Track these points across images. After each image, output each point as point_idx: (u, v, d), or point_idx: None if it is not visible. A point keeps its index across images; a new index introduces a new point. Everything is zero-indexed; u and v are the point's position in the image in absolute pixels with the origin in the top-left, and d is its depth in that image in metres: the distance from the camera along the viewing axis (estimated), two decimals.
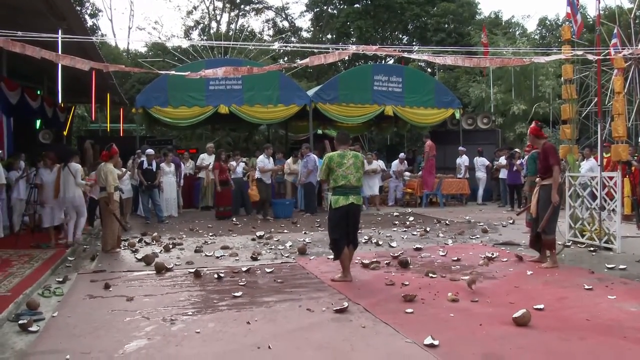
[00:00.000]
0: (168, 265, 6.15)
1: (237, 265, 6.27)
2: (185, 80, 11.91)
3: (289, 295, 4.91)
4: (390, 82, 14.29)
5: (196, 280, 5.56)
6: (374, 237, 8.36)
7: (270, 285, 5.33)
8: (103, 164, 7.52)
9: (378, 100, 14.15)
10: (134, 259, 6.79)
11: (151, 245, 7.92)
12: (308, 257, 6.79)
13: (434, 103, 14.70)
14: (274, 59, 26.68)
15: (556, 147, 6.45)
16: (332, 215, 5.42)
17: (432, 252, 7.02)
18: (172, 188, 11.66)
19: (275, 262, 6.52)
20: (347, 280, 5.35)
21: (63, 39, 7.29)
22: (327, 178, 5.43)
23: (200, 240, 8.27)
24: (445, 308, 4.37)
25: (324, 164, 5.44)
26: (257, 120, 13.84)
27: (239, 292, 4.93)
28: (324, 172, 5.44)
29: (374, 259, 6.44)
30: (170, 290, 5.12)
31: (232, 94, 13.03)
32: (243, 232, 9.35)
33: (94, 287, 5.28)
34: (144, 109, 12.69)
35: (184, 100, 12.76)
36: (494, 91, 18.82)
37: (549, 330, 3.77)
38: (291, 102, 13.42)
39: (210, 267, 6.26)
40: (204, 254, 7.05)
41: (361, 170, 5.44)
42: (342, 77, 14.40)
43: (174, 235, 8.81)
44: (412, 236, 8.60)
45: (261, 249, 7.48)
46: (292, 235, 8.76)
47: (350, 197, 5.34)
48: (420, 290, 4.96)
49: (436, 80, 16.29)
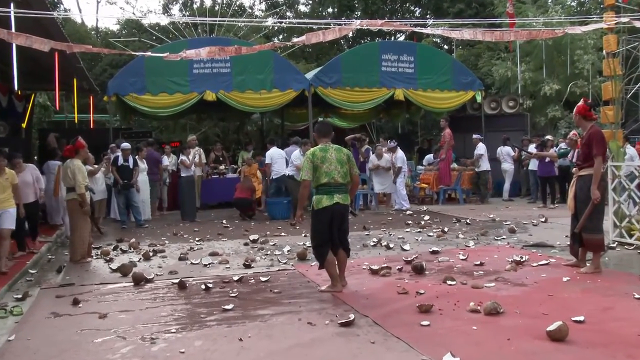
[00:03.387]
0: (148, 275, 6.16)
1: (228, 274, 6.28)
2: (165, 63, 11.84)
3: (287, 307, 4.91)
4: (401, 61, 14.26)
5: (181, 292, 5.56)
6: (384, 239, 8.36)
7: (266, 296, 5.33)
8: (69, 161, 7.50)
9: (387, 83, 14.11)
10: (108, 270, 6.80)
11: (128, 253, 7.94)
12: (309, 263, 6.79)
13: (451, 85, 14.66)
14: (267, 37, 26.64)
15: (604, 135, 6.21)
16: (315, 218, 5.44)
17: (451, 256, 7.01)
18: (147, 187, 11.69)
19: (272, 270, 6.53)
20: (337, 291, 5.37)
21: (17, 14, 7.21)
22: (312, 178, 5.43)
23: (185, 247, 8.29)
24: (467, 320, 4.36)
25: (307, 162, 5.44)
26: (248, 108, 13.83)
27: (230, 305, 4.94)
28: (308, 171, 5.41)
29: (384, 264, 6.42)
30: (151, 305, 5.12)
31: (220, 78, 13.02)
32: (234, 235, 9.36)
33: (60, 304, 5.28)
34: (118, 97, 12.68)
35: (164, 86, 12.74)
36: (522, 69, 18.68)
37: (590, 346, 3.72)
38: (287, 86, 13.40)
39: (196, 276, 6.27)
40: (190, 262, 7.07)
41: (346, 165, 5.46)
42: (345, 58, 14.37)
43: (155, 241, 8.82)
44: (427, 238, 8.60)
45: (255, 254, 7.50)
46: (290, 239, 8.77)
47: (335, 197, 5.36)
48: (437, 299, 4.95)
49: (454, 59, 16.24)
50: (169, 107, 13.08)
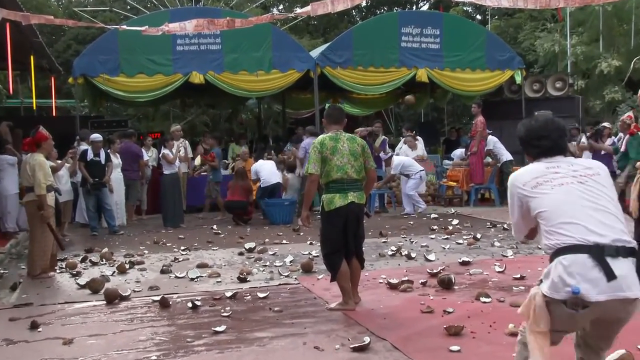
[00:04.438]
0: (123, 292, 6.17)
1: (219, 290, 6.30)
2: (142, 39, 11.89)
3: (290, 328, 4.93)
4: (424, 35, 14.25)
5: (163, 312, 5.58)
6: (404, 247, 8.37)
7: (265, 315, 5.34)
8: (29, 156, 7.54)
9: (407, 61, 14.11)
10: (75, 286, 6.82)
11: (99, 265, 7.96)
12: (315, 276, 6.81)
13: (485, 63, 14.65)
14: (265, 7, 26.69)
15: None
16: (326, 220, 5.46)
17: (484, 268, 7.00)
18: (122, 187, 11.74)
19: (271, 284, 6.54)
20: (349, 309, 5.39)
21: None
22: (320, 172, 5.43)
23: (168, 257, 8.31)
24: (505, 345, 4.34)
25: (315, 152, 5.45)
26: (243, 92, 13.87)
27: (222, 326, 4.95)
28: (315, 164, 5.42)
29: (404, 277, 6.44)
30: (127, 327, 5.14)
31: (209, 57, 13.04)
32: (227, 244, 9.37)
33: (14, 328, 5.26)
34: (86, 79, 12.72)
35: (142, 66, 12.78)
36: (573, 42, 18.51)
37: None
38: (289, 66, 13.42)
39: (182, 292, 6.28)
40: (174, 276, 7.09)
41: (361, 158, 5.48)
42: (357, 32, 14.37)
43: (132, 251, 8.85)
44: (456, 246, 8.60)
45: (252, 266, 7.51)
46: (293, 247, 8.79)
47: (350, 195, 5.38)
48: (469, 320, 4.95)
49: (488, 32, 16.25)
50: (148, 91, 13.13)
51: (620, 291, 2.76)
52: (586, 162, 3.18)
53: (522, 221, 3.16)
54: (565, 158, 3.13)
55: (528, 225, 3.17)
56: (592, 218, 2.87)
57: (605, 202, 2.95)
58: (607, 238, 2.83)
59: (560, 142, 3.15)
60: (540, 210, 2.98)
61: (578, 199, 2.93)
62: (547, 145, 3.12)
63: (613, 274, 2.74)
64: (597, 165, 3.12)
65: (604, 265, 2.76)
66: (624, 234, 2.89)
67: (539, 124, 3.21)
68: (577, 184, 2.97)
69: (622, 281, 2.76)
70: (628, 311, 2.88)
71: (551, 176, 3.02)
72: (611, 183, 3.06)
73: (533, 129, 3.20)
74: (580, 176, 3.00)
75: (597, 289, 2.75)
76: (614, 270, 2.76)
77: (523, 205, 3.08)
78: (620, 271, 2.77)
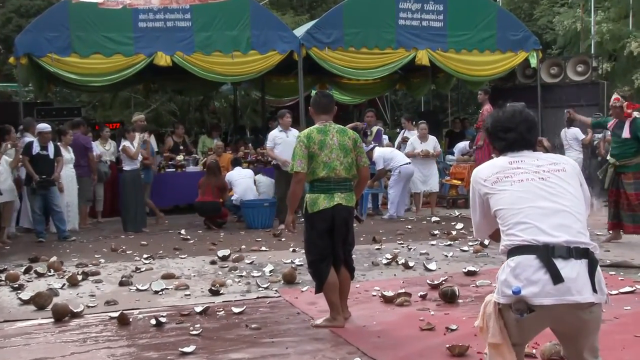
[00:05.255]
0: (75, 308, 6.13)
1: (188, 304, 6.30)
2: (98, 13, 11.85)
3: (270, 348, 4.93)
4: (425, 12, 14.25)
5: (122, 330, 5.56)
6: (401, 254, 8.40)
7: (240, 333, 5.34)
8: None
9: (405, 42, 14.12)
10: (17, 301, 6.74)
11: (46, 277, 7.90)
12: (298, 288, 6.83)
13: (495, 44, 14.68)
14: None
15: None
16: (309, 224, 5.50)
17: (493, 279, 6.93)
18: (74, 186, 11.67)
19: (248, 298, 6.55)
20: (338, 326, 5.40)
21: None
22: (306, 169, 5.44)
23: (128, 267, 8.30)
24: None
25: (300, 147, 5.46)
26: (216, 76, 13.84)
27: (191, 347, 4.94)
28: (301, 160, 5.42)
29: (401, 289, 6.45)
30: (78, 349, 5.10)
31: (177, 35, 12.97)
32: (197, 251, 9.38)
33: None
34: (31, 59, 12.58)
35: (98, 45, 12.65)
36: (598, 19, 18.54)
37: None
38: (270, 47, 13.40)
39: (144, 308, 6.27)
40: (135, 288, 7.07)
41: (352, 153, 5.50)
42: (348, 7, 14.31)
43: (86, 260, 8.81)
44: (461, 253, 8.66)
45: (225, 276, 7.52)
46: (273, 255, 8.81)
47: (336, 196, 5.41)
48: (476, 338, 4.92)
49: (499, 8, 16.29)
50: (106, 74, 13.03)
51: (568, 295, 2.83)
52: (553, 157, 3.30)
53: (484, 220, 3.29)
54: (532, 153, 3.25)
55: (491, 224, 3.28)
56: (547, 218, 2.97)
57: (565, 200, 3.05)
58: (559, 238, 2.91)
59: (528, 135, 3.28)
60: (497, 208, 3.10)
61: (535, 197, 3.04)
62: (513, 138, 3.25)
63: (560, 276, 2.82)
64: (563, 161, 3.23)
65: (550, 266, 2.84)
66: (580, 235, 2.97)
67: (506, 116, 3.33)
68: (538, 181, 3.09)
69: (571, 284, 2.83)
70: (581, 318, 2.92)
71: (512, 171, 3.14)
72: (577, 179, 3.17)
73: (499, 120, 3.33)
74: (543, 172, 3.11)
75: (542, 292, 2.83)
76: (562, 273, 2.83)
77: (484, 202, 3.20)
78: (570, 274, 2.84)
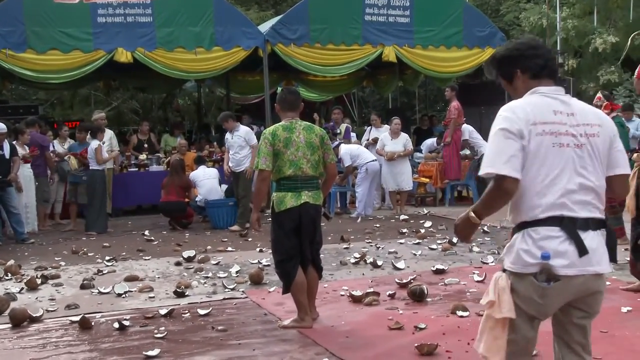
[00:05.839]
0: (34, 312, 6.06)
1: (152, 307, 6.25)
2: (55, 8, 11.68)
3: (236, 350, 4.92)
4: (392, 7, 14.29)
5: (83, 335, 5.50)
6: (369, 253, 8.40)
7: (206, 335, 5.32)
8: None
9: (372, 38, 14.14)
10: None
11: (4, 281, 7.79)
12: (265, 289, 6.81)
13: (461, 40, 14.78)
14: None
15: None
16: (276, 223, 5.49)
17: (462, 277, 7.08)
18: (32, 186, 11.52)
19: (214, 299, 6.52)
20: (306, 326, 5.40)
21: None
22: (271, 167, 5.43)
23: (90, 269, 8.21)
24: None
25: (265, 145, 5.44)
26: (179, 73, 13.72)
27: (155, 350, 4.91)
28: (266, 158, 5.42)
29: (369, 288, 6.46)
30: (38, 354, 5.04)
31: (138, 31, 12.84)
32: (161, 252, 9.32)
33: None
34: None
35: (55, 41, 12.46)
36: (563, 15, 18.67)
37: None
38: (234, 43, 13.34)
39: (106, 311, 6.22)
40: (97, 291, 7.00)
41: (319, 151, 5.51)
42: (314, 2, 14.29)
43: (45, 263, 8.70)
44: (429, 252, 8.67)
45: (191, 278, 7.48)
46: (240, 255, 8.77)
47: (303, 194, 5.41)
48: (444, 336, 4.99)
49: (466, 3, 16.36)
50: (63, 71, 12.85)
51: (589, 266, 2.85)
52: (585, 110, 3.00)
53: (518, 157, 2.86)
54: (563, 94, 2.98)
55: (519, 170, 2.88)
56: (573, 194, 2.87)
57: (592, 175, 2.91)
58: (580, 213, 2.87)
59: (553, 63, 3.05)
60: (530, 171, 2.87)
61: (568, 170, 2.87)
62: (542, 64, 2.99)
63: (585, 248, 2.82)
64: (597, 121, 2.97)
65: (576, 238, 2.83)
66: (597, 209, 2.93)
67: (526, 39, 3.11)
68: (573, 147, 2.87)
69: (592, 255, 2.85)
70: (599, 288, 2.95)
71: (557, 127, 2.87)
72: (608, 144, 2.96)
73: (522, 42, 3.07)
74: (580, 136, 2.88)
75: (568, 263, 2.82)
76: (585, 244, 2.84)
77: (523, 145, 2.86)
78: (591, 244, 2.85)
